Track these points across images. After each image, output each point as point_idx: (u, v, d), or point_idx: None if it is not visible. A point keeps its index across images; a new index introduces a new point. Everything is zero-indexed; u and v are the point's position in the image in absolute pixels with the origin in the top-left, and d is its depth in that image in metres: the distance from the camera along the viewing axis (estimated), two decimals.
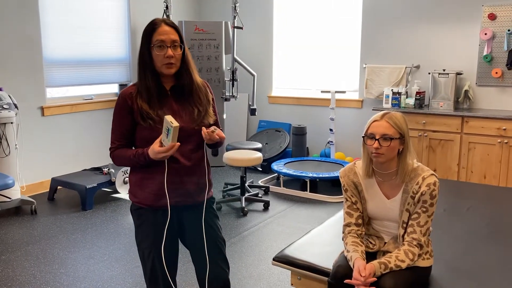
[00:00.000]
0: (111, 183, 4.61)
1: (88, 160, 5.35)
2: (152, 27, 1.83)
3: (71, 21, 5.05)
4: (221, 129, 1.98)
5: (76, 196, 4.72)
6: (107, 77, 5.53)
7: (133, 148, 1.93)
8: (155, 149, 1.76)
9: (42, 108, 4.83)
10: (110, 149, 1.92)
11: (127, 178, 4.74)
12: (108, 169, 4.71)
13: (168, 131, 1.69)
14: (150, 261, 1.95)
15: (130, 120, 1.87)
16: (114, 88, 5.68)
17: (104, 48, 5.44)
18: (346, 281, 1.84)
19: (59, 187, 4.74)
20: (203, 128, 1.84)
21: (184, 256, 3.28)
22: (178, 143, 1.73)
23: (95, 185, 4.44)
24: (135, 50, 5.73)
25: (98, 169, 4.89)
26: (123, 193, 4.80)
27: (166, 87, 1.90)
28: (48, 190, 4.76)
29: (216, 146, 1.95)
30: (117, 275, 3.12)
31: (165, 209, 1.90)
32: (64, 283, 3.01)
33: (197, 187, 1.96)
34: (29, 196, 4.58)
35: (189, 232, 2.01)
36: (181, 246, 2.08)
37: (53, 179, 4.66)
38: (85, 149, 5.32)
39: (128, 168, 4.71)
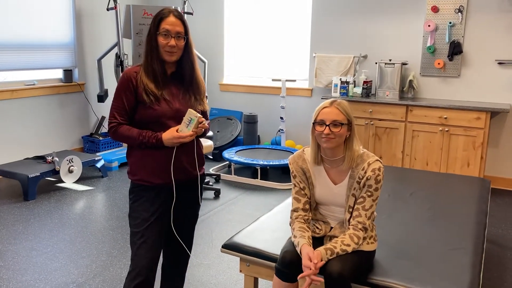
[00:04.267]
0: (55, 172, 4.44)
1: (30, 149, 5.11)
2: (160, 16, 1.97)
3: (9, 1, 4.78)
4: (208, 120, 2.19)
5: (17, 186, 4.51)
6: (50, 62, 5.29)
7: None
8: (174, 135, 1.93)
9: None
10: (111, 123, 2.00)
11: (73, 167, 4.60)
12: (52, 158, 4.53)
13: (190, 121, 1.93)
14: (144, 236, 2.00)
15: (134, 99, 1.99)
16: (58, 74, 5.44)
17: (47, 32, 5.19)
18: (300, 276, 1.85)
19: None
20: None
21: None
22: (196, 133, 1.96)
23: (38, 174, 4.26)
24: (80, 34, 5.51)
25: (42, 158, 4.69)
26: (68, 182, 4.64)
27: (168, 71, 2.05)
28: None
29: (202, 136, 2.13)
30: (61, 267, 3.01)
31: (165, 187, 2.04)
32: (3, 276, 2.88)
33: (191, 163, 2.09)
34: None
35: (180, 212, 2.17)
36: None
37: None
38: (28, 136, 5.08)
39: (73, 157, 4.58)
